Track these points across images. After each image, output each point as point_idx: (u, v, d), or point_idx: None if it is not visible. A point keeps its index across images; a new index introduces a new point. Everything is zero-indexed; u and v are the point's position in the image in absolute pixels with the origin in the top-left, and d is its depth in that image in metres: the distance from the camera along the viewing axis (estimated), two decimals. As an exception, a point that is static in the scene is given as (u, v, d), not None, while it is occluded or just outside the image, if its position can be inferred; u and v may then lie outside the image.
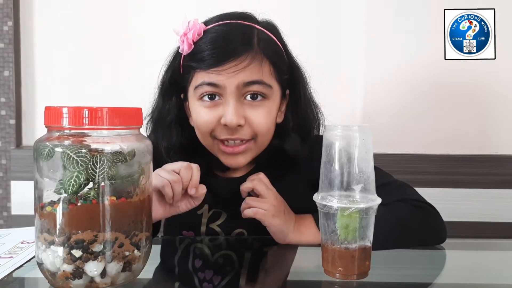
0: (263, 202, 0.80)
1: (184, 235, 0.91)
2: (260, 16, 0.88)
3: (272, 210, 0.79)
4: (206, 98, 0.82)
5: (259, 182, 0.82)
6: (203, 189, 0.77)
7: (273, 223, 0.80)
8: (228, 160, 0.85)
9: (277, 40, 0.86)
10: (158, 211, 0.77)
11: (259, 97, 0.82)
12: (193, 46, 0.81)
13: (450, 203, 1.36)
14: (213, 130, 0.83)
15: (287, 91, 0.90)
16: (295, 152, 0.88)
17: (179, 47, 0.84)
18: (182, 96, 0.89)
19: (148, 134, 0.91)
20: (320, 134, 0.94)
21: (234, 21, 0.83)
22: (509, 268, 0.77)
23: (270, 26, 0.87)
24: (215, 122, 0.82)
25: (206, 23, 0.84)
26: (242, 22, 0.84)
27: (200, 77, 0.81)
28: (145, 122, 0.90)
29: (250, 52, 0.80)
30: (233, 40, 0.81)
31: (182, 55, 0.84)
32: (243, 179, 0.87)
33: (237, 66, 0.78)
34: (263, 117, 0.82)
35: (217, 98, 0.82)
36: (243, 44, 0.80)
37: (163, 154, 0.87)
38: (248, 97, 0.82)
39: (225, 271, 0.71)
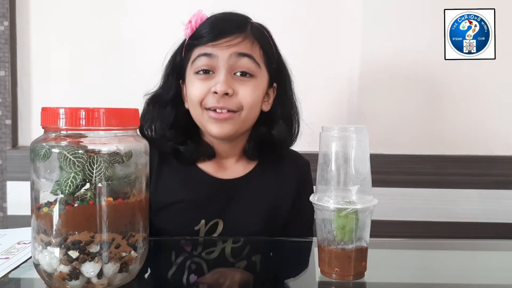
0: None
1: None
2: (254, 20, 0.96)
3: None
4: (201, 72, 0.90)
5: None
6: None
7: None
8: (215, 128, 0.89)
9: (268, 36, 0.95)
10: None
11: (248, 75, 0.89)
12: (195, 30, 0.91)
13: (446, 203, 1.36)
14: (203, 99, 0.89)
15: (275, 84, 0.96)
16: (282, 138, 0.96)
17: (184, 40, 0.94)
18: (181, 81, 0.97)
19: (143, 114, 0.97)
20: (298, 135, 1.00)
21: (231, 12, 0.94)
22: (506, 268, 0.77)
23: (262, 26, 0.96)
24: (206, 91, 0.88)
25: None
26: (238, 13, 0.94)
27: (198, 51, 0.90)
28: (144, 99, 0.98)
29: (243, 33, 0.89)
30: (229, 22, 0.91)
31: (185, 43, 0.94)
32: (240, 180, 0.92)
33: (230, 42, 0.88)
34: (250, 90, 0.89)
35: (210, 72, 0.89)
36: (237, 26, 0.90)
37: (157, 132, 0.94)
38: (238, 73, 0.89)
39: (221, 272, 0.71)
